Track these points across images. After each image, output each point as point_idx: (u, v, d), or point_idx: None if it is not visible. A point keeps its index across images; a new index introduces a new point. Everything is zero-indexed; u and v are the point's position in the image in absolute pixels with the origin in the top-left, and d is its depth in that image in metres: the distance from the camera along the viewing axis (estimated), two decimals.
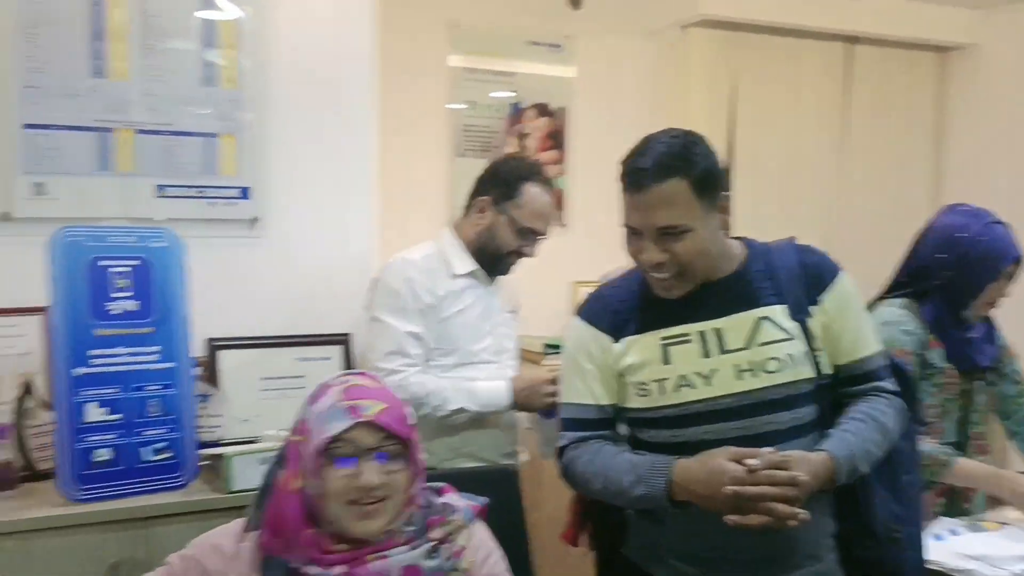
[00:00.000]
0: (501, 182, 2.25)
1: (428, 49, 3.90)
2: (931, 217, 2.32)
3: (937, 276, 2.20)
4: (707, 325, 1.58)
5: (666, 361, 1.58)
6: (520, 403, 2.21)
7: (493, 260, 2.27)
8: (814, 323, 1.58)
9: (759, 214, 4.36)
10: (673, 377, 1.57)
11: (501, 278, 2.37)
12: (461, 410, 2.17)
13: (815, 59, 4.44)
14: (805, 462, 1.46)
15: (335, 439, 1.37)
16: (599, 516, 2.31)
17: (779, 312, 1.57)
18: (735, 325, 1.57)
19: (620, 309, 1.65)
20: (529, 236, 2.26)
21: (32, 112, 2.25)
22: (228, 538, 1.46)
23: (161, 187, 2.39)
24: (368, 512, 1.39)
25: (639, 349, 1.60)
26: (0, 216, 2.26)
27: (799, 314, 1.58)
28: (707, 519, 1.47)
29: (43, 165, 2.27)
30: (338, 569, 1.38)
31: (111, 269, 2.02)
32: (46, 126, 2.27)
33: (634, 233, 1.55)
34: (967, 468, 2.15)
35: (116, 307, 2.02)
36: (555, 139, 4.19)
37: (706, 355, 1.57)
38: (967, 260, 2.16)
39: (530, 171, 2.27)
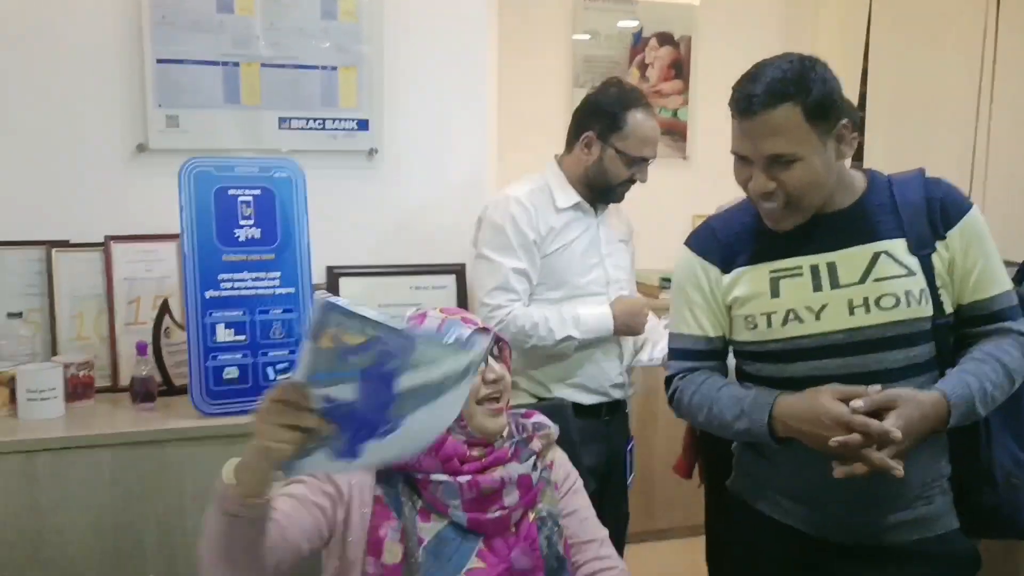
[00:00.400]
0: (604, 114, 2.22)
1: None
2: None
3: None
4: (820, 258, 1.53)
5: (775, 294, 1.54)
6: (620, 327, 2.21)
7: (605, 192, 2.26)
8: (937, 259, 1.50)
9: (892, 147, 4.15)
10: (781, 311, 1.53)
11: (611, 207, 2.36)
12: (568, 338, 2.19)
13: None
14: (914, 402, 1.40)
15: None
16: (709, 449, 2.31)
17: (899, 246, 1.51)
18: (850, 259, 1.51)
19: (730, 240, 1.61)
20: (639, 163, 2.22)
21: (164, 47, 2.36)
22: None
23: (284, 119, 2.47)
24: (495, 410, 1.52)
25: (748, 281, 1.57)
26: (137, 147, 2.39)
27: (921, 249, 1.50)
28: (811, 456, 1.45)
29: (175, 98, 2.38)
30: (465, 476, 1.48)
31: (237, 198, 2.11)
32: (178, 60, 2.37)
33: (743, 161, 1.50)
34: None
35: (242, 234, 2.12)
36: (677, 69, 4.08)
37: (817, 289, 1.52)
38: None
39: (631, 98, 2.23)
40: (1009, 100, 4.24)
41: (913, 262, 1.50)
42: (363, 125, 2.53)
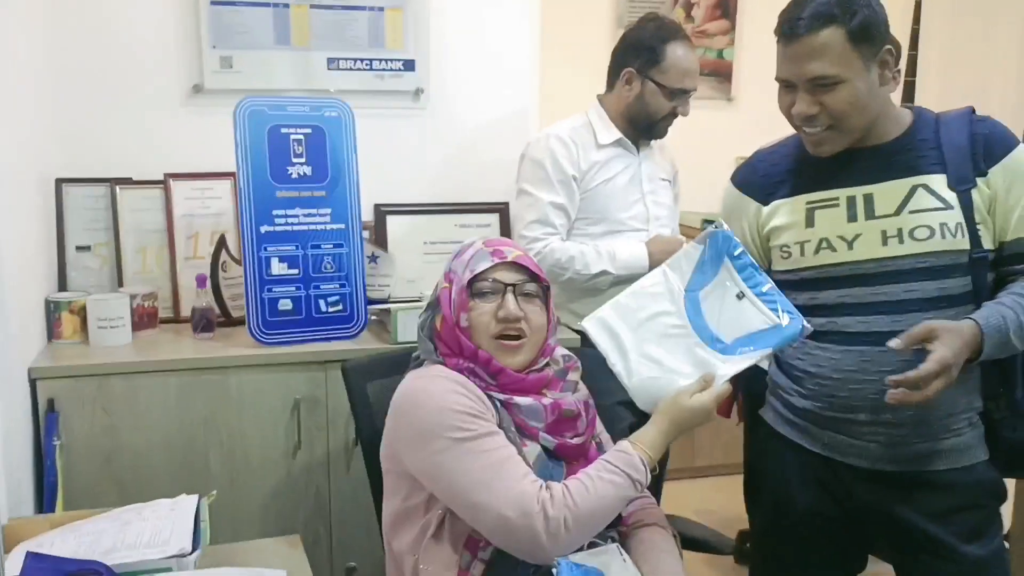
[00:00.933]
0: (643, 49, 2.25)
1: None
2: None
3: None
4: (857, 190, 1.57)
5: (809, 224, 1.59)
6: (656, 264, 2.25)
7: (649, 127, 2.29)
8: (978, 195, 1.52)
9: (946, 84, 4.09)
10: (814, 240, 1.58)
11: (654, 145, 2.39)
12: (603, 272, 2.25)
13: None
14: (955, 331, 1.44)
15: (478, 276, 1.51)
16: (748, 387, 2.37)
17: (938, 181, 1.53)
18: (888, 191, 1.55)
19: (771, 172, 1.66)
20: (680, 96, 2.26)
21: None
22: (457, 388, 1.47)
23: (332, 60, 2.53)
24: (512, 348, 1.51)
25: (786, 212, 1.62)
26: (193, 88, 2.47)
27: (961, 184, 1.52)
28: (839, 382, 1.50)
29: (229, 40, 2.46)
30: (547, 400, 1.51)
31: (290, 136, 2.20)
32: (230, 2, 2.44)
33: (787, 86, 1.54)
34: None
35: (294, 171, 2.20)
36: (723, 8, 4.06)
37: (852, 219, 1.56)
38: None
39: (669, 32, 2.26)
40: None
41: (952, 196, 1.52)
42: (409, 66, 2.59)
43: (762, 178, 1.67)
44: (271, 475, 2.16)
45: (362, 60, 2.55)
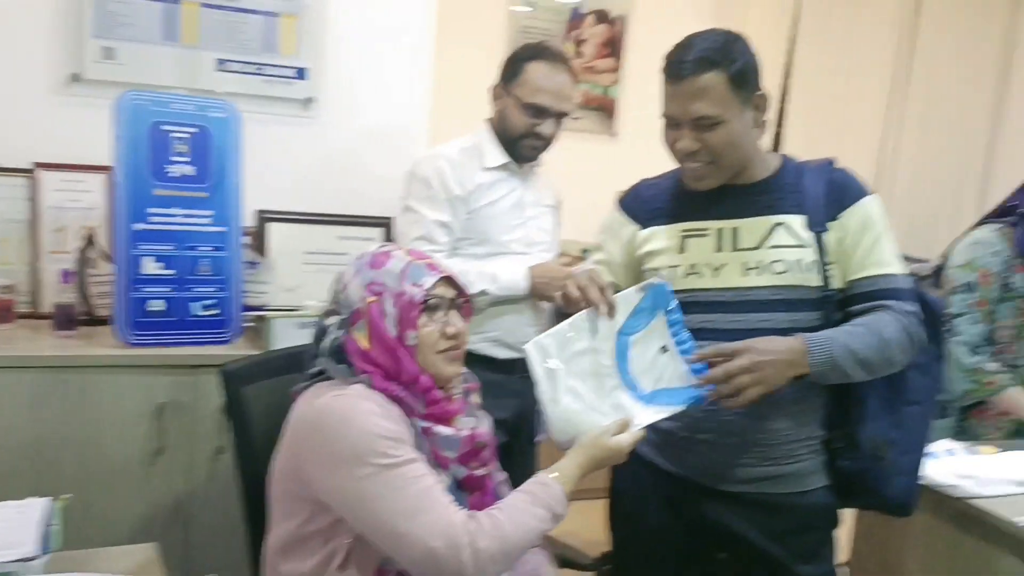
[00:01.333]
0: (508, 63, 2.31)
1: None
2: None
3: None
4: (726, 223, 1.67)
5: (681, 250, 1.68)
6: (536, 290, 2.30)
7: (511, 144, 2.32)
8: (829, 237, 1.64)
9: (810, 135, 4.36)
10: (684, 265, 1.67)
11: (539, 172, 2.44)
12: (483, 292, 2.27)
13: None
14: (762, 339, 1.55)
15: (427, 293, 1.45)
16: None
17: (797, 222, 1.65)
18: (752, 227, 1.66)
19: (653, 200, 1.76)
20: (536, 112, 2.28)
21: None
22: (375, 409, 1.40)
23: (222, 61, 2.49)
24: (454, 357, 1.50)
25: (662, 238, 1.71)
26: (70, 76, 2.38)
27: (816, 227, 1.64)
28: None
29: (113, 31, 2.38)
30: (465, 431, 1.48)
31: (172, 134, 2.14)
32: None
33: (672, 123, 1.63)
34: (1015, 397, 2.27)
35: (175, 170, 2.15)
36: (612, 47, 4.19)
37: (719, 249, 1.67)
38: None
39: (534, 50, 2.30)
40: (920, 106, 4.50)
41: (808, 237, 1.64)
42: (301, 74, 2.57)
43: (644, 203, 1.76)
44: (130, 480, 2.09)
45: (253, 64, 2.52)
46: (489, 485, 1.55)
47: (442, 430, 1.46)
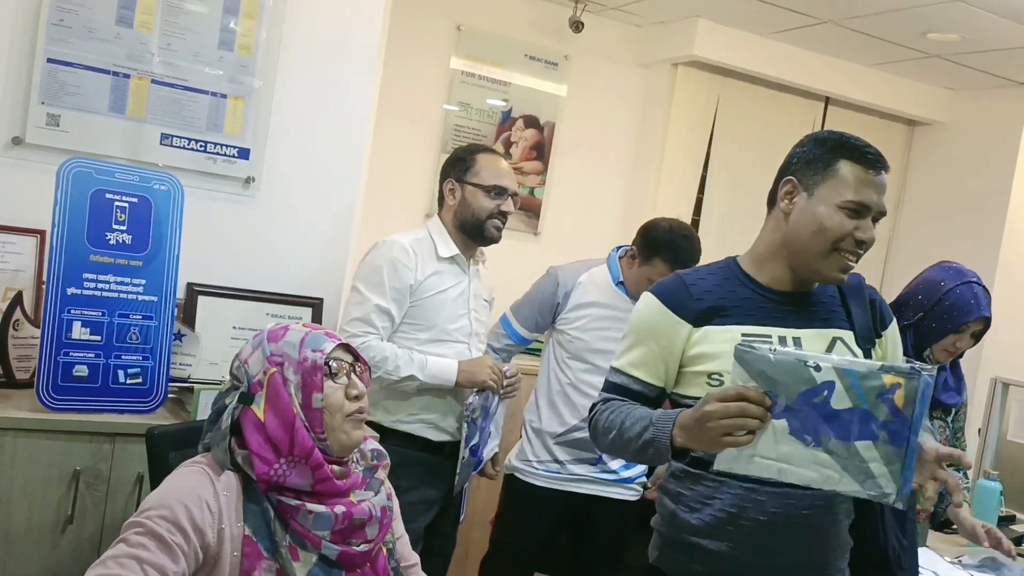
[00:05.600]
0: (457, 160, 2.51)
1: (433, 48, 4.11)
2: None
3: (911, 315, 2.45)
4: (788, 332, 1.65)
5: None
6: (465, 377, 2.39)
7: (478, 229, 2.45)
8: (874, 353, 1.71)
9: (722, 246, 4.61)
10: None
11: (480, 270, 2.57)
12: (411, 377, 2.35)
13: (791, 112, 4.71)
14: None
15: (328, 357, 1.51)
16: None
17: (849, 337, 1.68)
18: (814, 339, 1.65)
19: (705, 298, 1.68)
20: (499, 193, 2.45)
21: (57, 48, 2.40)
22: (207, 488, 1.45)
23: (166, 136, 2.54)
24: (360, 420, 1.54)
25: (719, 339, 1.63)
26: (12, 139, 2.40)
27: (866, 343, 1.69)
28: (761, 521, 1.60)
29: (60, 99, 2.42)
30: (340, 508, 1.49)
31: (114, 202, 2.18)
32: (68, 63, 2.42)
33: (857, 211, 1.61)
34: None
35: (113, 238, 2.18)
36: (539, 151, 4.40)
37: None
38: (938, 306, 2.43)
39: (477, 147, 2.57)
40: None
41: (860, 352, 1.67)
42: (244, 154, 2.64)
43: (696, 301, 1.68)
44: (37, 549, 2.03)
45: (197, 141, 2.58)
46: (380, 561, 1.58)
47: (315, 507, 1.48)
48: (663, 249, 2.61)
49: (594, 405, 1.75)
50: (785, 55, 4.40)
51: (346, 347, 1.58)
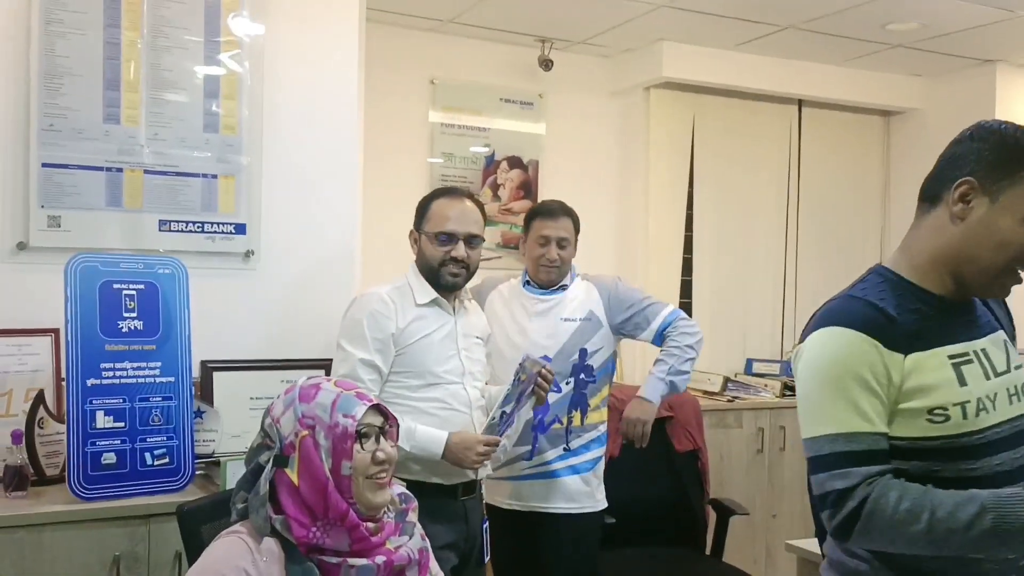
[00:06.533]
0: (417, 209, 2.56)
1: (410, 104, 4.21)
2: None
3: None
4: (977, 344, 1.48)
5: (962, 382, 1.43)
6: (451, 457, 2.37)
7: (433, 276, 2.48)
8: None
9: (716, 263, 4.68)
10: (973, 400, 1.42)
11: (468, 307, 2.61)
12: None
13: (768, 120, 4.80)
14: None
15: (359, 424, 1.54)
16: None
17: (1004, 336, 1.56)
18: (994, 346, 1.50)
19: (901, 320, 1.44)
20: (446, 239, 2.46)
21: (50, 152, 2.50)
22: (245, 556, 1.49)
23: (164, 222, 2.63)
24: (382, 483, 1.57)
25: (929, 368, 1.42)
26: (17, 245, 2.48)
27: (1012, 340, 1.58)
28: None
29: (59, 200, 2.51)
30: (380, 558, 1.53)
31: (122, 292, 2.26)
32: (63, 165, 2.51)
33: None
34: None
35: (124, 325, 2.25)
36: (526, 189, 4.48)
37: (987, 377, 1.45)
38: None
39: (437, 191, 2.59)
40: (812, 208, 4.89)
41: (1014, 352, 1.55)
42: (240, 229, 2.72)
43: (897, 325, 1.44)
44: None
45: (194, 223, 2.66)
46: None
47: (356, 561, 1.52)
48: (529, 216, 2.93)
49: (844, 492, 1.39)
50: (753, 65, 4.49)
51: (377, 408, 1.60)
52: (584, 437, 2.87)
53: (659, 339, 2.90)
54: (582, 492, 2.85)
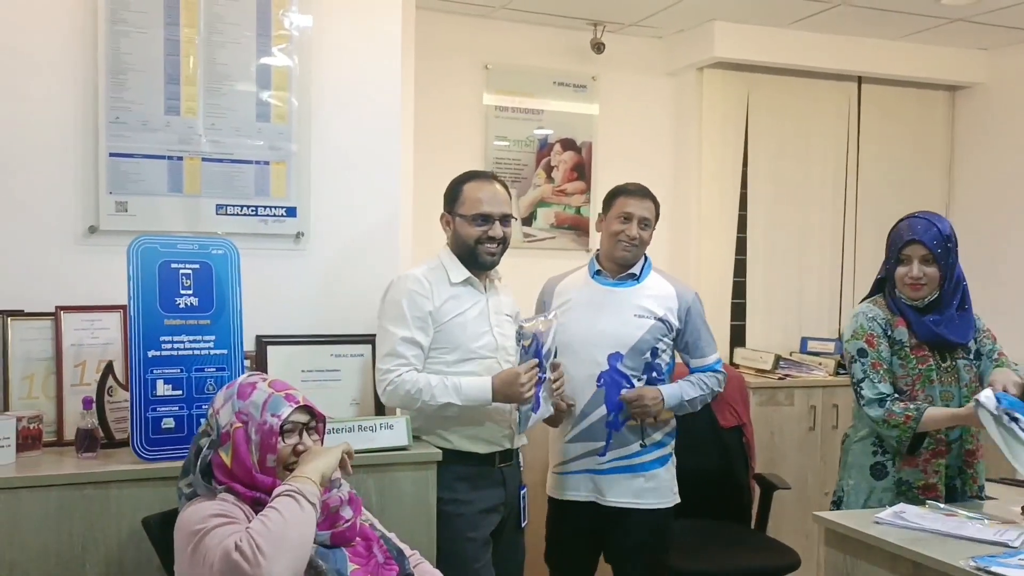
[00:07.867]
0: (448, 193, 2.68)
1: (465, 89, 4.33)
2: None
3: (882, 270, 2.71)
4: None
5: None
6: (499, 395, 2.51)
7: (470, 256, 2.62)
8: None
9: (771, 243, 4.68)
10: None
11: (499, 286, 2.73)
12: (449, 404, 2.51)
13: (825, 97, 4.75)
14: None
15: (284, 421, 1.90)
16: None
17: None
18: None
19: None
20: (483, 221, 2.60)
21: (117, 143, 2.70)
22: (216, 505, 1.89)
23: (221, 206, 2.81)
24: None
25: None
26: (88, 228, 2.70)
27: None
28: None
29: (125, 187, 2.72)
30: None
31: (179, 271, 2.45)
32: (128, 154, 2.72)
33: None
34: (933, 414, 2.51)
35: (182, 302, 2.44)
36: (580, 171, 4.57)
37: None
38: (887, 250, 2.68)
39: (466, 175, 2.69)
40: (872, 188, 4.83)
41: None
42: (291, 212, 2.89)
43: None
44: None
45: (248, 207, 2.84)
46: (365, 531, 1.99)
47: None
48: (612, 194, 2.98)
49: None
50: (807, 42, 4.46)
51: (304, 408, 1.96)
52: (658, 434, 2.91)
53: (694, 370, 2.97)
54: (657, 488, 2.89)
